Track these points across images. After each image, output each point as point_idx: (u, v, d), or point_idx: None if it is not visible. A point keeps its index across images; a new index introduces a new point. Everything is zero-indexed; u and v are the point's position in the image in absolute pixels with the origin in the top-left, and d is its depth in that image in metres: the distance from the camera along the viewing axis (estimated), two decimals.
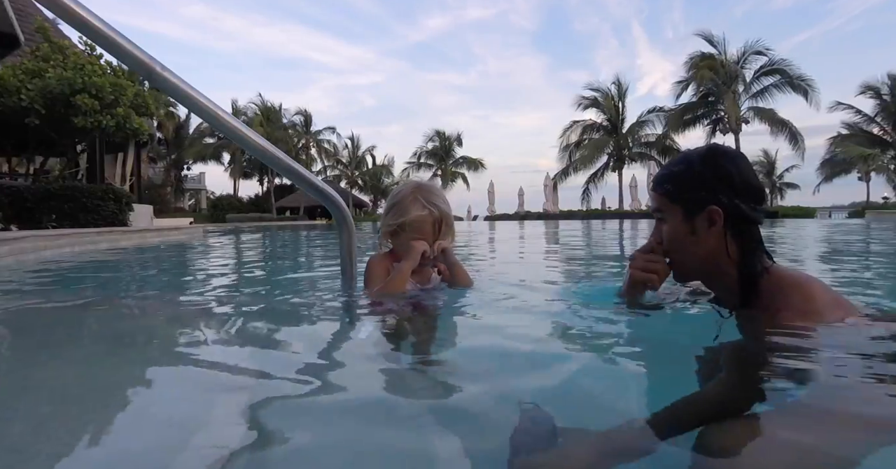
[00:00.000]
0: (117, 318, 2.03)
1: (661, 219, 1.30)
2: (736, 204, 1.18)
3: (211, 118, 1.70)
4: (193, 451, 0.79)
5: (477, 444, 0.80)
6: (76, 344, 1.61)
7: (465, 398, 0.98)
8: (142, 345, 1.58)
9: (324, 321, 1.77)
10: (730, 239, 1.20)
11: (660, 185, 1.29)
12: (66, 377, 1.20)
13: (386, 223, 1.83)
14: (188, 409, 0.99)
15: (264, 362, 1.28)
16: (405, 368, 1.20)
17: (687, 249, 1.25)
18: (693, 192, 1.21)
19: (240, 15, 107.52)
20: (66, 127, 9.33)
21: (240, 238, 10.72)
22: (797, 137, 30.26)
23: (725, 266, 1.22)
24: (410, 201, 1.78)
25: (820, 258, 4.33)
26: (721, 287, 1.29)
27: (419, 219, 1.76)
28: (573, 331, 1.44)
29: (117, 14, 49.62)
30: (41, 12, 10.63)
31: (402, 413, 0.93)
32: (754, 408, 0.83)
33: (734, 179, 1.19)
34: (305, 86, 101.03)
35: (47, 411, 0.99)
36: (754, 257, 1.19)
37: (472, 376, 1.11)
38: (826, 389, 0.89)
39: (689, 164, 1.24)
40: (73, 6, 1.38)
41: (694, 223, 1.22)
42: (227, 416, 0.93)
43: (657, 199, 1.30)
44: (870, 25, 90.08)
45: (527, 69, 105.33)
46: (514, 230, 12.90)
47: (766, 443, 0.68)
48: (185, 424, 0.91)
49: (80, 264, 4.60)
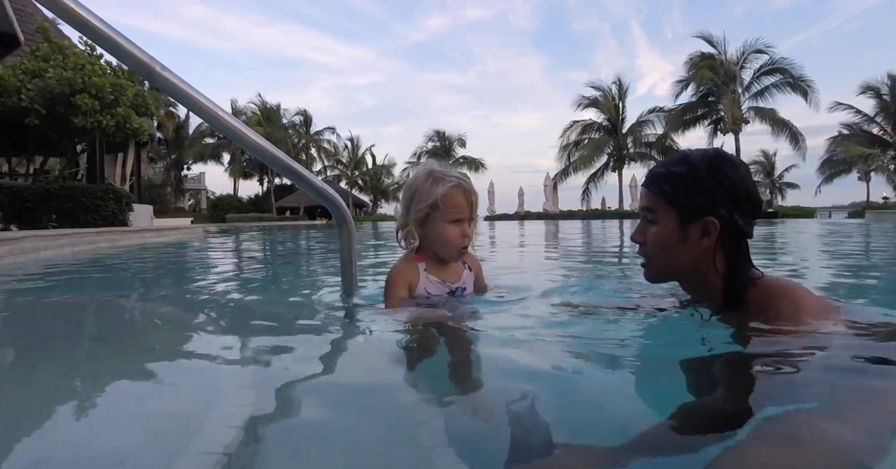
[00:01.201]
0: (116, 317, 2.03)
1: (650, 220, 1.23)
2: (734, 218, 1.13)
3: (211, 118, 1.70)
4: (192, 452, 0.79)
5: (475, 449, 0.80)
6: (75, 344, 1.61)
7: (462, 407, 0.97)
8: (139, 345, 1.58)
9: (323, 322, 1.77)
10: (719, 251, 1.16)
11: (656, 183, 1.21)
12: (66, 376, 1.20)
13: (415, 210, 1.60)
14: (187, 409, 0.99)
15: (263, 363, 1.28)
16: (405, 377, 1.19)
17: (673, 255, 1.19)
18: (692, 199, 1.15)
19: (239, 15, 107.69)
20: (66, 127, 9.33)
21: (240, 238, 10.72)
22: (798, 137, 30.23)
23: (709, 276, 1.18)
24: (433, 181, 1.59)
25: (820, 258, 4.33)
26: (701, 294, 1.26)
27: (451, 192, 1.57)
28: (572, 335, 1.44)
29: (117, 14, 49.64)
30: (41, 12, 10.62)
31: (401, 418, 0.93)
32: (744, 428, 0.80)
33: (737, 190, 1.13)
34: (305, 86, 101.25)
35: (47, 411, 0.99)
36: (741, 272, 1.15)
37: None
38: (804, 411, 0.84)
39: (692, 167, 1.16)
40: (73, 6, 1.38)
41: (687, 230, 1.16)
42: (226, 417, 0.93)
43: (650, 198, 1.22)
44: (868, 26, 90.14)
45: (526, 69, 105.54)
46: (515, 230, 12.89)
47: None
48: (183, 425, 0.91)
49: (79, 264, 4.60)
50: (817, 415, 0.80)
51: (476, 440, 0.82)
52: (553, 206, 34.88)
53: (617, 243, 6.91)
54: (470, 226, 1.62)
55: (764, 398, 0.89)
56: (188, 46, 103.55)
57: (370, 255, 4.84)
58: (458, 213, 1.58)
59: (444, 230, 1.58)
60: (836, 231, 9.23)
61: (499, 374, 1.13)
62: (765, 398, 0.89)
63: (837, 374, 0.96)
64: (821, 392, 0.90)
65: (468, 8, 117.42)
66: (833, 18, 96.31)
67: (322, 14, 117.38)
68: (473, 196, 1.62)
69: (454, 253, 1.63)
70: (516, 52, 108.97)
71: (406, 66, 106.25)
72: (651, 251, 1.23)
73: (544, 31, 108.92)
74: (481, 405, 0.95)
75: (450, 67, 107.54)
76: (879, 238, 6.91)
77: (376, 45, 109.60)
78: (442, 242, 1.61)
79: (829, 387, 0.91)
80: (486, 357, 1.24)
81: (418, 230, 1.62)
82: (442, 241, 1.60)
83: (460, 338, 1.36)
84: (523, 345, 1.29)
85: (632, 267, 3.36)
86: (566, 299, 1.77)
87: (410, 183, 1.67)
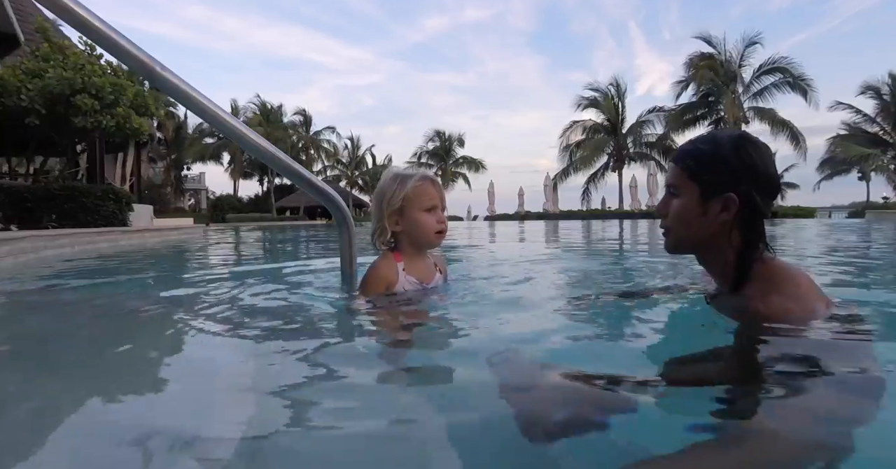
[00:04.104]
0: (114, 318, 2.03)
1: (674, 194, 1.29)
2: (753, 195, 1.18)
3: (211, 118, 1.70)
4: (191, 452, 0.79)
5: (475, 449, 0.80)
6: (73, 343, 1.61)
7: (462, 406, 0.98)
8: (138, 344, 1.58)
9: (323, 323, 1.77)
10: (735, 227, 1.21)
11: (682, 159, 1.27)
12: (64, 376, 1.21)
13: (388, 206, 1.71)
14: (186, 409, 0.99)
15: (262, 364, 1.28)
16: (403, 374, 1.20)
17: (691, 228, 1.25)
18: (715, 175, 1.20)
19: (239, 16, 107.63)
20: (66, 127, 9.33)
21: (240, 237, 10.72)
22: (798, 137, 30.24)
23: (724, 251, 1.23)
24: (401, 180, 1.72)
25: (819, 257, 4.32)
26: (714, 267, 1.31)
27: (420, 183, 1.71)
28: (570, 331, 1.44)
29: (117, 15, 49.63)
30: (41, 12, 10.61)
31: (400, 419, 0.93)
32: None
33: (758, 170, 1.18)
34: (305, 86, 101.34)
35: (41, 416, 0.99)
36: (755, 249, 1.20)
37: (468, 383, 1.11)
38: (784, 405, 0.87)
39: (718, 145, 1.22)
40: (73, 6, 1.38)
41: (707, 205, 1.21)
42: (226, 417, 0.93)
43: (676, 172, 1.28)
44: (867, 26, 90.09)
45: (525, 70, 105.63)
46: (515, 230, 12.90)
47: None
48: (182, 426, 0.91)
49: (78, 264, 4.60)
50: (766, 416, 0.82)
51: (476, 440, 0.82)
52: (553, 207, 34.88)
53: (616, 243, 6.91)
54: (443, 213, 1.75)
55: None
56: (188, 47, 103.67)
57: (370, 255, 4.82)
58: (430, 201, 1.71)
59: (421, 218, 1.70)
60: (836, 231, 9.24)
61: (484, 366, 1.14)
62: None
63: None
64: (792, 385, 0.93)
65: (466, 9, 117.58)
66: (831, 19, 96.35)
67: (321, 15, 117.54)
68: (440, 187, 1.78)
69: (433, 238, 1.74)
70: (515, 53, 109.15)
71: (405, 67, 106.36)
72: (672, 223, 1.30)
73: (543, 32, 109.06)
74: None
75: (449, 68, 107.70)
76: (879, 238, 6.91)
77: (375, 46, 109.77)
78: (421, 230, 1.72)
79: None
80: (469, 350, 1.28)
81: (393, 226, 1.73)
82: (420, 230, 1.72)
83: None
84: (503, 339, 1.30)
85: (632, 268, 3.36)
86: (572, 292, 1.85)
87: (379, 186, 1.79)
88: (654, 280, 2.44)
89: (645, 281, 2.43)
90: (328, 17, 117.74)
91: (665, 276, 2.60)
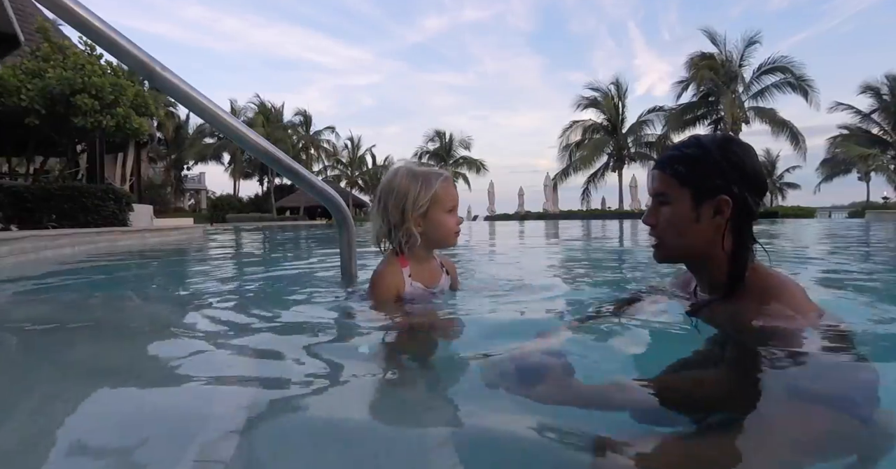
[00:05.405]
0: (113, 318, 2.03)
1: (663, 201, 1.25)
2: (745, 197, 1.17)
3: (211, 118, 1.70)
4: (190, 452, 0.79)
5: (475, 449, 0.80)
6: (72, 343, 1.61)
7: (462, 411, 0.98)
8: (137, 344, 1.58)
9: (323, 323, 1.77)
10: (728, 231, 1.19)
11: (670, 165, 1.23)
12: (64, 376, 1.21)
13: (413, 208, 1.62)
14: (184, 409, 0.99)
15: (262, 364, 1.28)
16: (403, 375, 1.19)
17: (685, 234, 1.22)
18: (707, 178, 1.18)
19: (238, 16, 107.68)
20: (66, 127, 9.32)
21: (240, 237, 10.72)
22: (798, 138, 30.23)
23: (717, 257, 1.21)
24: (424, 179, 1.64)
25: (818, 257, 4.33)
26: (705, 274, 1.29)
27: (446, 184, 1.67)
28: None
29: (117, 15, 49.65)
30: (41, 12, 10.62)
31: (400, 420, 0.93)
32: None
33: (747, 170, 1.17)
34: (304, 86, 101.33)
35: (39, 411, 0.99)
36: (747, 252, 1.19)
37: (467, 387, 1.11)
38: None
39: (704, 148, 1.20)
40: (73, 6, 1.38)
41: (700, 210, 1.19)
42: (225, 417, 0.93)
43: (664, 179, 1.24)
44: (866, 26, 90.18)
45: (524, 70, 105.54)
46: (515, 230, 12.90)
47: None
48: (180, 425, 0.91)
49: (78, 264, 4.60)
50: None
51: (476, 440, 0.82)
52: (553, 207, 34.89)
53: (616, 243, 6.91)
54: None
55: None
56: (188, 47, 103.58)
57: (370, 254, 4.83)
58: (452, 202, 1.69)
59: (445, 220, 1.68)
60: (836, 230, 9.24)
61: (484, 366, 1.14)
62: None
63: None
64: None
65: (466, 9, 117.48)
66: (830, 19, 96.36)
67: (320, 15, 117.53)
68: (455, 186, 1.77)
69: (452, 239, 1.73)
70: (514, 53, 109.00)
71: (405, 67, 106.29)
72: (663, 232, 1.26)
73: (542, 32, 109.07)
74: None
75: (448, 68, 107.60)
76: (879, 237, 6.91)
77: (375, 46, 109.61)
78: (442, 232, 1.69)
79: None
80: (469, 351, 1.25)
81: (417, 228, 1.65)
82: (442, 231, 1.69)
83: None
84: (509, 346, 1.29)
85: (631, 268, 3.36)
86: (573, 310, 1.78)
87: (394, 186, 1.66)
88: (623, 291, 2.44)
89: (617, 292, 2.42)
90: (327, 17, 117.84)
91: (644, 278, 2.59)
